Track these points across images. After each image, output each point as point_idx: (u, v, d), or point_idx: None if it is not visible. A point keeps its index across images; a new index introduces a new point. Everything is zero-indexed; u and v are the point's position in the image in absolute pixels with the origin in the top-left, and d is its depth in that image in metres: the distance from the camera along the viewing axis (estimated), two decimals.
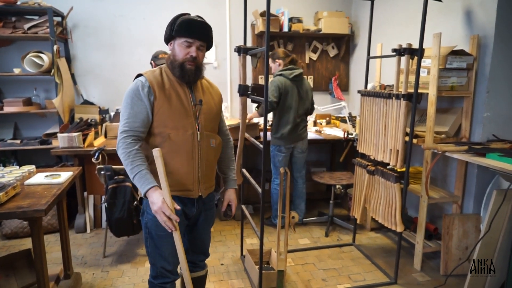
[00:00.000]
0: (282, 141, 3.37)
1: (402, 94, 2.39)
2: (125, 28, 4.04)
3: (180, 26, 1.59)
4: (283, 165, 3.46)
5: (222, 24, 4.25)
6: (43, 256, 1.90)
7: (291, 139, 3.38)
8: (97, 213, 3.57)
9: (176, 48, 1.63)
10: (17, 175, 2.17)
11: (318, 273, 2.81)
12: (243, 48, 2.56)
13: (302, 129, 3.44)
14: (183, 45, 1.61)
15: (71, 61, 3.96)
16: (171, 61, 1.66)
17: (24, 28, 3.52)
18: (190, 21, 1.59)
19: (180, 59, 1.61)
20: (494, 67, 2.62)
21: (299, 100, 3.37)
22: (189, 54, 1.61)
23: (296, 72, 3.34)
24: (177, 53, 1.62)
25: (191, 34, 1.60)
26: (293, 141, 3.40)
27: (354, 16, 4.54)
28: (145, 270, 2.81)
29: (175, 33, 1.60)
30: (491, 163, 2.17)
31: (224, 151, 1.93)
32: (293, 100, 3.32)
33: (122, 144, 1.58)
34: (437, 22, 3.06)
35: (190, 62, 1.62)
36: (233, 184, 1.94)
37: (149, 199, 1.53)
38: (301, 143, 3.47)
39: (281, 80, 3.30)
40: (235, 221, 3.76)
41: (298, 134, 3.41)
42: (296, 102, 3.34)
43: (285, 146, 3.39)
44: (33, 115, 3.90)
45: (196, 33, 1.60)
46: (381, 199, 2.69)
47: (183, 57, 1.61)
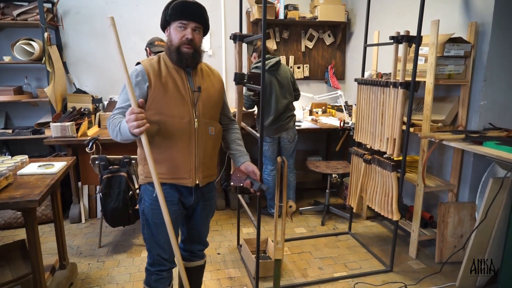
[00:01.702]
0: (265, 131, 3.31)
1: (399, 82, 2.37)
2: (118, 15, 3.96)
3: (173, 10, 1.57)
4: (271, 154, 3.46)
5: (217, 12, 4.18)
6: (37, 247, 1.87)
7: (273, 130, 3.35)
8: (92, 203, 3.55)
9: (172, 33, 1.61)
10: (9, 165, 2.12)
11: (315, 261, 2.83)
12: (239, 35, 2.51)
13: (286, 119, 3.37)
14: (178, 29, 1.58)
15: (62, 49, 3.88)
16: (168, 47, 1.63)
17: (13, 14, 3.43)
18: (183, 3, 1.57)
19: (176, 43, 1.58)
20: (491, 55, 2.60)
21: (280, 89, 3.30)
22: (184, 36, 1.58)
23: (271, 62, 3.25)
24: (173, 37, 1.60)
25: (185, 15, 1.57)
26: (276, 132, 3.37)
27: (350, 3, 4.49)
28: (141, 260, 2.80)
29: (170, 17, 1.58)
30: (489, 151, 2.16)
31: (230, 133, 1.89)
32: (273, 90, 3.26)
33: (108, 121, 1.59)
34: (435, 9, 3.02)
35: (187, 45, 1.58)
36: (247, 158, 1.83)
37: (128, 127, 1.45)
38: (285, 133, 3.41)
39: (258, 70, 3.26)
40: (231, 210, 3.76)
41: (281, 125, 3.36)
42: (276, 91, 3.27)
43: (268, 136, 3.36)
44: (24, 104, 3.83)
45: (190, 14, 1.58)
46: (378, 188, 2.69)
47: (179, 41, 1.58)
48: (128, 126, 1.41)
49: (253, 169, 1.77)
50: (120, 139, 1.53)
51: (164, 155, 1.61)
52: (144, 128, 1.41)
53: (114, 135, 1.56)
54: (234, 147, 1.86)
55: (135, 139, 1.50)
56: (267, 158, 3.48)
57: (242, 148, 1.87)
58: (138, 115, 1.40)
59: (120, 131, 1.50)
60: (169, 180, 1.64)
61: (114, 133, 1.55)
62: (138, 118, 1.39)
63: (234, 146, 1.86)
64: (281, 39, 4.39)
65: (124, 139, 1.52)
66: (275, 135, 3.39)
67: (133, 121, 1.39)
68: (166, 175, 1.63)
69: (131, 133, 1.43)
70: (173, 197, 1.68)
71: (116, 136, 1.55)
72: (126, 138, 1.51)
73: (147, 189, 1.68)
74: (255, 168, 1.78)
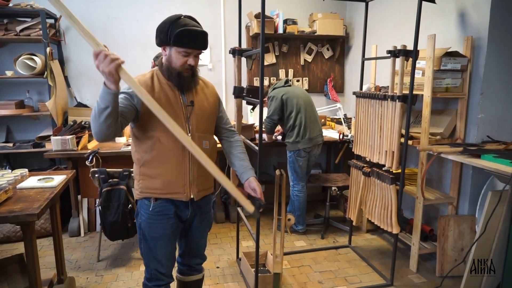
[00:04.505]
0: (299, 145, 3.27)
1: (397, 95, 2.39)
2: (119, 30, 4.02)
3: (179, 37, 1.51)
4: (303, 170, 3.38)
5: (217, 26, 4.24)
6: (35, 261, 1.87)
7: (308, 140, 3.27)
8: (91, 216, 3.54)
9: (172, 56, 1.57)
10: (9, 178, 2.13)
11: (314, 275, 2.80)
12: (238, 50, 2.55)
13: (317, 133, 3.35)
14: (181, 54, 1.56)
15: (64, 64, 3.93)
16: (167, 68, 1.61)
17: (17, 30, 3.48)
18: (190, 32, 1.52)
19: (178, 67, 1.57)
20: (488, 69, 2.63)
21: (304, 96, 3.36)
22: (187, 63, 1.57)
23: (282, 80, 3.46)
24: (174, 61, 1.57)
25: (191, 45, 1.54)
26: (310, 143, 3.29)
27: (348, 17, 4.56)
28: (140, 273, 2.78)
29: (173, 43, 1.53)
30: (487, 164, 2.17)
31: (231, 146, 1.86)
32: (299, 99, 3.30)
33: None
34: (431, 23, 3.07)
35: (188, 70, 1.59)
36: (250, 173, 1.77)
37: (105, 82, 1.34)
38: (316, 148, 3.39)
39: (278, 91, 3.32)
40: (230, 223, 3.74)
41: (313, 137, 3.31)
42: (302, 100, 3.31)
43: (304, 149, 3.28)
44: (26, 118, 3.86)
45: (196, 44, 1.55)
46: (377, 201, 2.68)
47: (181, 66, 1.57)
48: (101, 70, 1.29)
49: (254, 187, 1.74)
50: (98, 111, 1.37)
51: (158, 170, 1.61)
52: (118, 62, 1.29)
53: (93, 116, 1.40)
54: (238, 163, 1.82)
55: (114, 90, 1.33)
56: (299, 174, 3.37)
57: (245, 163, 1.82)
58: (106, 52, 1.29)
59: (99, 98, 1.36)
60: (163, 195, 1.65)
61: (93, 113, 1.40)
62: (108, 54, 1.28)
63: (237, 162, 1.82)
64: (280, 52, 4.44)
65: (102, 107, 1.35)
66: (309, 145, 3.29)
67: (106, 58, 1.27)
68: (161, 190, 1.63)
69: (107, 76, 1.29)
70: (169, 211, 1.68)
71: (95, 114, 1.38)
72: (105, 100, 1.34)
73: (143, 204, 1.69)
74: (256, 186, 1.73)
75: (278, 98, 3.27)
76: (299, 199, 3.41)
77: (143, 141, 1.62)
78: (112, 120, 1.40)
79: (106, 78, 1.31)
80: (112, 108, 1.37)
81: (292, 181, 3.43)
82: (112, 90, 1.33)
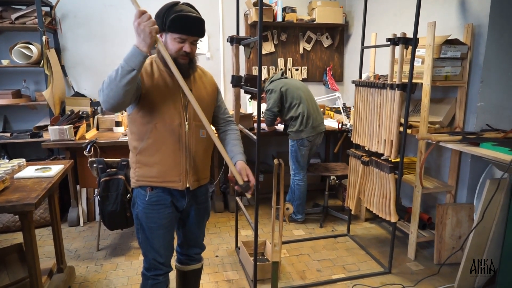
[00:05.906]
0: (303, 134, 3.27)
1: (396, 84, 2.38)
2: (116, 18, 3.97)
3: (173, 22, 1.50)
4: (305, 160, 3.39)
5: (215, 14, 4.19)
6: (34, 250, 1.87)
7: (311, 129, 3.27)
8: (90, 206, 3.54)
9: (168, 42, 1.56)
10: (6, 168, 2.13)
11: (313, 264, 2.82)
12: (236, 38, 2.52)
13: (320, 121, 3.36)
14: (176, 40, 1.54)
15: (61, 53, 3.89)
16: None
17: (12, 18, 3.43)
18: (185, 17, 1.51)
19: (173, 54, 1.55)
20: (488, 57, 2.61)
21: (302, 87, 3.36)
22: (182, 49, 1.55)
23: (278, 73, 3.46)
24: (169, 47, 1.55)
25: (186, 31, 1.53)
26: (314, 131, 3.29)
27: (348, 5, 4.50)
28: (139, 263, 2.79)
29: (168, 29, 1.52)
30: (485, 152, 2.17)
31: (227, 134, 1.84)
32: (298, 89, 3.30)
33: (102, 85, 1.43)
34: (431, 11, 3.03)
35: (184, 57, 1.57)
36: (239, 157, 1.74)
37: (136, 44, 1.39)
38: (319, 137, 3.39)
39: (276, 83, 3.30)
40: (229, 213, 3.75)
41: (316, 126, 3.31)
42: (301, 90, 3.31)
43: (307, 138, 3.28)
44: (23, 107, 3.83)
45: (190, 30, 1.54)
46: (376, 190, 2.69)
47: (176, 52, 1.55)
48: (142, 28, 1.34)
49: (240, 169, 1.69)
50: (121, 73, 1.35)
51: (154, 158, 1.61)
52: (157, 27, 1.38)
53: (111, 78, 1.36)
54: (229, 148, 1.79)
55: (145, 52, 1.36)
56: (300, 163, 3.38)
57: (236, 148, 1.78)
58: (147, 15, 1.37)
59: (123, 61, 1.36)
60: (159, 183, 1.64)
61: (111, 76, 1.37)
62: (149, 17, 1.37)
63: (229, 148, 1.79)
64: (279, 41, 4.40)
65: (127, 69, 1.35)
66: (314, 133, 3.29)
67: (149, 19, 1.36)
68: (157, 179, 1.63)
69: (145, 37, 1.35)
70: (166, 200, 1.68)
71: (115, 77, 1.35)
72: (132, 62, 1.35)
73: (139, 193, 1.68)
74: (243, 169, 1.69)
75: (277, 91, 3.26)
76: (299, 188, 3.41)
77: (139, 129, 1.61)
78: (132, 86, 1.39)
79: (142, 39, 1.36)
80: (137, 72, 1.38)
81: (293, 170, 3.43)
82: (143, 52, 1.37)
